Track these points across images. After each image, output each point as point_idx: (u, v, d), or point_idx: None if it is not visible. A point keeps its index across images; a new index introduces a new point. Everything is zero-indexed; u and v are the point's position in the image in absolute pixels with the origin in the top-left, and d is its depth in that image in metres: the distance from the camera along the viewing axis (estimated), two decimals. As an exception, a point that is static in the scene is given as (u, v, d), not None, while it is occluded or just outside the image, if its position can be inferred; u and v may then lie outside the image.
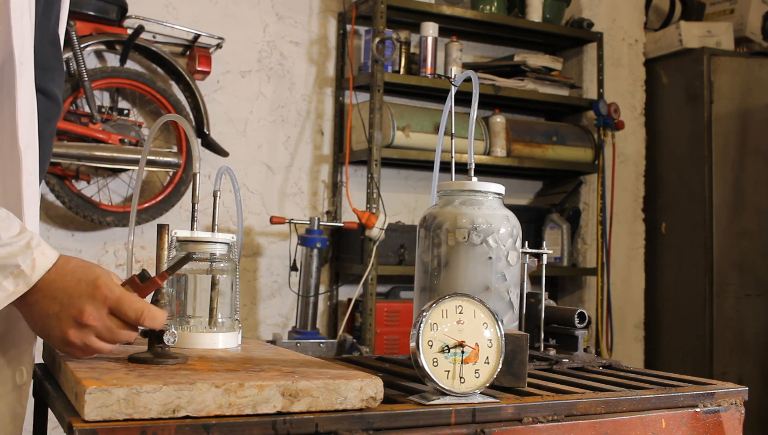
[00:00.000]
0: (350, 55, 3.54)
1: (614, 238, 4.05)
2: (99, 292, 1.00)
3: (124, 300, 1.01)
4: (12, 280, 0.98)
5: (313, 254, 3.21)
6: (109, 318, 1.01)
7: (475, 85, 1.29)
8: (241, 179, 3.40)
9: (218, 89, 3.39)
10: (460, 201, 1.23)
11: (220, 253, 1.26)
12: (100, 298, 1.00)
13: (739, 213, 3.99)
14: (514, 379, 1.13)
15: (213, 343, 1.22)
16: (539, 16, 3.80)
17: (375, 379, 0.96)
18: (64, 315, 1.00)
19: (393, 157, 3.41)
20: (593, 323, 3.89)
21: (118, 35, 3.02)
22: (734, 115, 4.01)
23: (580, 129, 3.97)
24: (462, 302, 1.03)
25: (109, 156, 2.92)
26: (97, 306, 1.00)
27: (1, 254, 0.98)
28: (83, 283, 1.00)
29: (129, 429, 0.83)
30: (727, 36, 4.13)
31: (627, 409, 1.12)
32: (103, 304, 1.00)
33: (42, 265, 1.01)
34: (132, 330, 1.03)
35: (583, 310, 1.42)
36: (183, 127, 1.97)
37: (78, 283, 1.00)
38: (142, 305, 1.02)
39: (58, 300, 1.00)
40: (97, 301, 1.00)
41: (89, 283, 1.01)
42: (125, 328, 1.02)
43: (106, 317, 1.00)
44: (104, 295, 1.00)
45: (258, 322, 3.45)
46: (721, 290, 3.94)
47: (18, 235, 1.00)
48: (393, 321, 3.37)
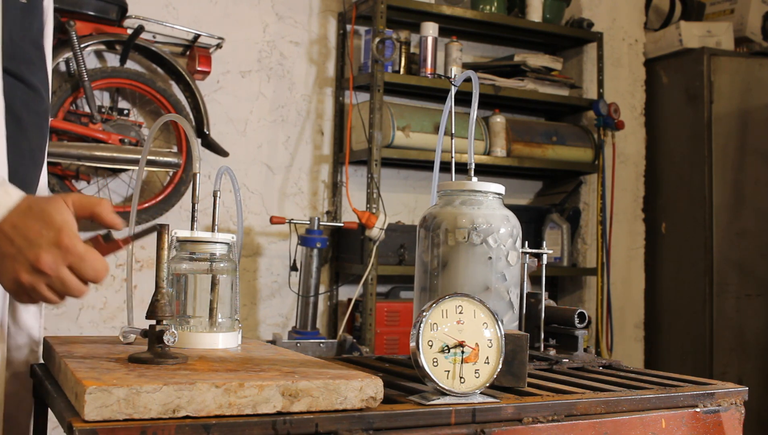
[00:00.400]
0: (350, 55, 3.54)
1: (614, 238, 4.05)
2: (62, 242, 1.00)
3: (86, 257, 1.01)
4: None
5: (313, 254, 3.21)
6: (66, 271, 1.00)
7: (475, 85, 1.29)
8: (241, 179, 3.40)
9: (218, 89, 3.39)
10: (460, 201, 1.23)
11: (220, 253, 1.26)
12: (62, 248, 1.00)
13: (739, 213, 3.99)
14: (514, 379, 1.13)
15: (213, 343, 1.22)
16: (539, 16, 3.80)
17: (375, 379, 0.96)
18: (21, 258, 0.99)
19: (393, 157, 3.41)
20: (593, 323, 3.89)
21: (118, 35, 3.02)
22: (734, 115, 4.01)
23: (580, 129, 3.97)
24: (462, 302, 1.03)
25: (109, 156, 2.92)
26: (56, 256, 0.99)
27: None
28: (46, 229, 1.00)
29: (129, 429, 0.83)
30: (727, 36, 4.13)
31: (627, 409, 1.12)
32: (64, 256, 1.00)
33: (4, 203, 1.01)
34: (83, 287, 1.03)
35: (583, 310, 1.42)
36: (183, 127, 1.97)
37: (41, 229, 1.00)
38: (101, 265, 1.02)
39: (17, 243, 1.00)
40: (57, 252, 0.99)
41: (53, 230, 1.00)
42: (78, 284, 1.02)
43: (62, 269, 1.00)
44: (67, 247, 1.00)
45: (258, 322, 3.45)
46: (721, 290, 3.94)
47: None
48: (393, 321, 3.37)
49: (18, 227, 1.00)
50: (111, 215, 1.06)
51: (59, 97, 2.92)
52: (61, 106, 2.93)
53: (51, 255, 0.99)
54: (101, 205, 1.06)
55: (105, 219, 1.06)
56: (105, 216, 1.06)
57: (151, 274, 1.10)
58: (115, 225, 1.06)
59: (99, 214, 1.06)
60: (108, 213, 1.06)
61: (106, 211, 1.06)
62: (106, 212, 1.06)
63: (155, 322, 1.06)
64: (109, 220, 1.06)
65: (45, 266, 0.99)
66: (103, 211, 1.06)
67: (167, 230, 1.09)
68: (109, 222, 1.06)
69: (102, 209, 1.06)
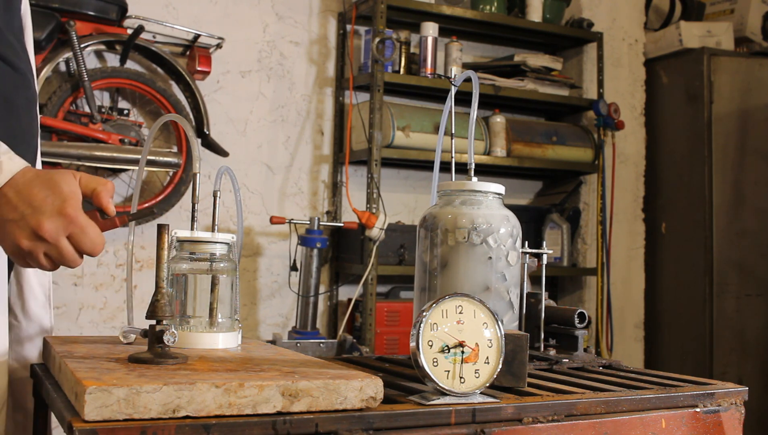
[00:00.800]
0: (350, 55, 3.54)
1: (614, 238, 4.05)
2: (65, 212, 1.01)
3: (86, 230, 1.02)
4: None
5: (313, 254, 3.21)
6: (64, 240, 1.02)
7: (475, 85, 1.29)
8: (241, 179, 3.40)
9: (218, 89, 3.39)
10: (460, 201, 1.23)
11: (220, 253, 1.26)
12: (63, 219, 1.01)
13: (739, 213, 3.99)
14: (514, 379, 1.13)
15: (213, 343, 1.22)
16: (539, 16, 3.80)
17: (375, 379, 0.96)
18: (23, 223, 1.00)
19: (393, 157, 3.41)
20: (593, 323, 3.89)
21: (118, 35, 3.02)
22: (734, 115, 4.01)
23: (580, 129, 3.97)
24: (462, 302, 1.03)
25: (109, 156, 2.92)
26: (58, 225, 1.01)
27: None
28: (52, 197, 1.01)
29: (129, 429, 0.83)
30: (727, 36, 4.13)
31: (627, 409, 1.12)
32: (65, 226, 1.01)
33: (8, 168, 1.02)
34: (78, 259, 1.04)
35: (583, 310, 1.41)
36: (183, 127, 1.97)
37: (45, 197, 1.01)
38: (100, 240, 1.04)
39: (20, 209, 1.01)
40: (59, 221, 1.01)
41: (59, 199, 1.01)
42: (73, 256, 1.03)
43: (62, 238, 1.01)
44: (70, 218, 1.01)
45: (258, 322, 3.45)
46: (721, 290, 3.94)
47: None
48: (393, 321, 3.37)
49: (22, 193, 1.01)
50: (107, 199, 1.08)
51: (59, 97, 2.92)
52: (61, 106, 2.93)
53: (53, 223, 1.00)
54: (104, 185, 1.08)
55: (102, 200, 1.07)
56: (102, 197, 1.07)
57: (151, 274, 1.10)
58: (107, 210, 1.08)
59: (98, 194, 1.07)
60: (105, 195, 1.08)
61: (105, 192, 1.08)
62: (104, 194, 1.08)
63: (155, 322, 1.06)
64: (104, 203, 1.08)
65: (46, 233, 1.00)
66: (103, 191, 1.07)
67: (167, 230, 1.09)
68: (104, 205, 1.08)
69: (102, 189, 1.08)
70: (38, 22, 2.79)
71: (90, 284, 3.16)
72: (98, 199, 1.07)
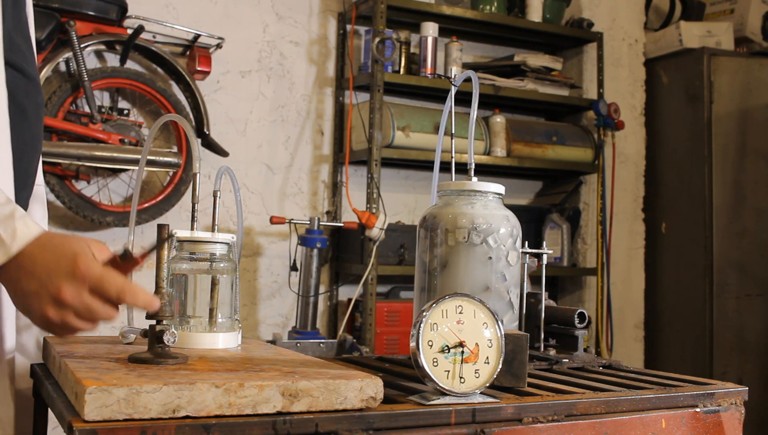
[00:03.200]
0: (350, 55, 3.54)
1: (614, 238, 4.05)
2: (78, 269, 0.98)
3: (104, 278, 0.99)
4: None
5: (313, 254, 3.21)
6: (89, 296, 0.98)
7: (475, 85, 1.29)
8: (241, 179, 3.40)
9: (218, 89, 3.39)
10: (460, 201, 1.23)
11: (220, 253, 1.26)
12: (79, 276, 0.98)
13: (739, 213, 3.99)
14: (514, 379, 1.13)
15: (213, 343, 1.22)
16: (539, 16, 3.80)
17: (375, 379, 0.96)
18: (44, 293, 0.98)
19: (393, 157, 3.41)
20: (593, 323, 3.89)
21: (118, 35, 3.02)
22: (734, 115, 4.01)
23: (580, 129, 3.97)
24: (462, 302, 1.03)
25: (109, 156, 2.92)
26: (76, 284, 0.98)
27: None
28: (62, 260, 0.98)
29: (129, 429, 0.83)
30: (727, 36, 4.13)
31: (627, 409, 1.12)
32: (83, 282, 0.98)
33: (23, 235, 0.99)
34: (112, 308, 1.01)
35: (583, 310, 1.42)
36: (183, 127, 1.97)
37: (57, 260, 0.98)
38: (122, 282, 0.99)
39: (38, 277, 0.98)
40: (76, 279, 0.98)
41: (68, 259, 0.98)
42: (105, 307, 0.99)
43: (86, 295, 0.98)
44: (83, 273, 0.98)
45: (258, 322, 3.45)
46: (721, 290, 3.94)
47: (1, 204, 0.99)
48: (393, 321, 3.37)
49: (37, 262, 0.99)
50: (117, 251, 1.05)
51: (59, 97, 2.92)
52: (61, 106, 2.93)
53: (71, 284, 0.97)
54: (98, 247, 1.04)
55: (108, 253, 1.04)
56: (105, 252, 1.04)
57: (151, 274, 1.09)
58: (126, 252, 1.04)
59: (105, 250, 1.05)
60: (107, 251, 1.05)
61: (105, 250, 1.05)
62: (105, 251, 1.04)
63: (155, 322, 1.06)
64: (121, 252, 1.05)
65: (68, 297, 0.97)
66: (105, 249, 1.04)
67: (167, 230, 1.09)
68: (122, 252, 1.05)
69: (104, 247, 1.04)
70: (38, 22, 2.79)
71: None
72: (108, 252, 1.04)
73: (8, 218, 0.98)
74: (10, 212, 0.99)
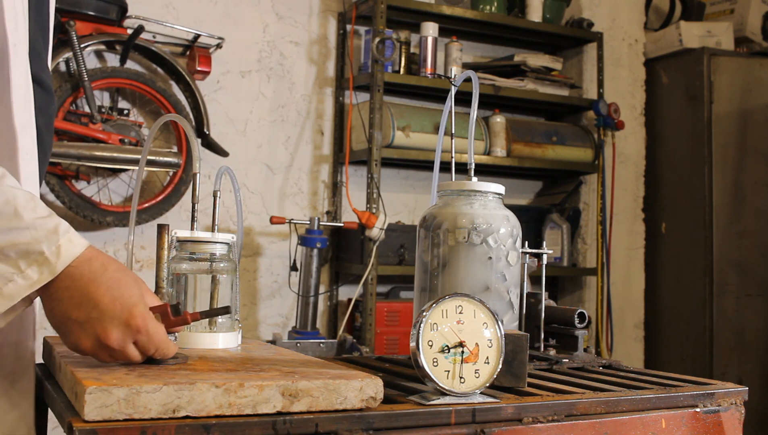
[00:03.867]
0: (350, 55, 3.54)
1: (614, 238, 4.05)
2: (133, 321, 0.95)
3: (152, 336, 0.97)
4: (36, 268, 0.92)
5: (313, 254, 3.21)
6: (131, 347, 0.97)
7: (475, 85, 1.29)
8: (241, 179, 3.40)
9: (218, 89, 3.39)
10: (460, 201, 1.23)
11: (220, 253, 1.26)
12: (132, 328, 0.96)
13: (739, 213, 3.99)
14: (514, 379, 1.13)
15: (213, 343, 1.22)
16: (539, 16, 3.80)
17: (375, 379, 0.96)
18: (89, 327, 0.94)
19: (393, 157, 3.41)
20: (593, 323, 3.89)
21: (118, 35, 3.02)
22: (734, 115, 4.01)
23: (580, 129, 3.97)
24: (462, 302, 1.03)
25: (109, 156, 2.92)
26: (125, 335, 0.95)
27: (24, 238, 0.91)
28: (119, 305, 0.95)
29: (129, 429, 0.83)
30: (727, 36, 4.13)
31: (627, 409, 1.12)
32: (132, 335, 0.96)
33: (69, 252, 0.94)
34: (143, 358, 1.00)
35: (583, 310, 1.41)
36: (183, 127, 1.97)
37: (113, 301, 0.95)
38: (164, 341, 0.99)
39: (86, 310, 0.94)
40: (127, 330, 0.95)
41: (126, 307, 0.95)
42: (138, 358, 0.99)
43: (128, 346, 0.97)
44: (137, 328, 0.96)
45: (258, 322, 3.45)
46: (721, 290, 3.94)
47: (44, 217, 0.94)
48: (393, 321, 3.37)
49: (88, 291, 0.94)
50: None
51: (59, 97, 2.92)
52: (61, 106, 2.93)
53: (120, 332, 0.95)
54: None
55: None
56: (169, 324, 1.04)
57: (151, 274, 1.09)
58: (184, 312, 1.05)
59: None
60: None
61: None
62: None
63: (155, 322, 1.06)
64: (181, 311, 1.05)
65: (113, 343, 0.95)
66: None
67: (167, 230, 1.09)
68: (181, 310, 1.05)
69: None
70: (38, 22, 2.79)
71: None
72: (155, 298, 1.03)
73: (52, 233, 0.93)
74: (53, 227, 0.94)
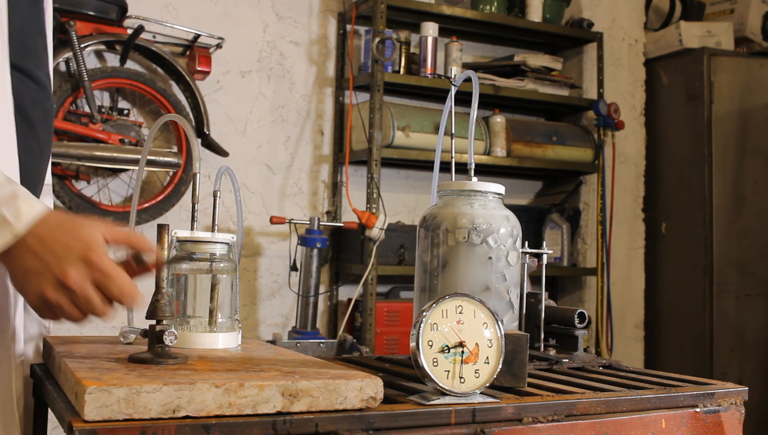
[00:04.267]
0: (350, 55, 3.54)
1: (614, 238, 4.05)
2: (89, 258, 0.97)
3: (112, 274, 0.98)
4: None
5: (313, 254, 3.21)
6: (91, 287, 0.97)
7: (475, 85, 1.29)
8: (241, 179, 3.40)
9: (218, 89, 3.39)
10: (460, 201, 1.23)
11: (220, 253, 1.26)
12: (89, 264, 0.97)
13: (739, 213, 3.99)
14: (514, 379, 1.13)
15: (213, 343, 1.22)
16: (539, 16, 3.80)
17: (375, 379, 0.96)
18: (47, 273, 0.96)
19: (393, 157, 3.41)
20: (593, 323, 3.89)
21: (118, 35, 3.02)
22: (734, 115, 4.01)
23: (580, 129, 3.97)
24: (462, 302, 1.03)
25: (109, 156, 2.92)
26: (84, 272, 0.97)
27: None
28: (76, 244, 0.97)
29: (129, 429, 0.83)
30: (727, 36, 4.13)
31: (627, 409, 1.12)
32: (91, 271, 0.97)
33: (29, 215, 0.97)
34: (108, 306, 1.00)
35: (583, 310, 1.41)
36: (183, 127, 1.97)
37: (69, 243, 0.97)
38: (128, 285, 0.99)
39: (43, 258, 0.97)
40: (84, 267, 0.97)
41: (82, 245, 0.97)
42: (102, 303, 0.99)
43: (89, 285, 0.97)
44: (94, 263, 0.97)
45: (258, 322, 3.45)
46: (721, 290, 3.94)
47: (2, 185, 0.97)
48: (393, 321, 3.37)
49: (45, 241, 0.97)
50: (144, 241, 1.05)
51: (59, 97, 2.92)
52: (61, 106, 2.93)
53: (78, 270, 0.96)
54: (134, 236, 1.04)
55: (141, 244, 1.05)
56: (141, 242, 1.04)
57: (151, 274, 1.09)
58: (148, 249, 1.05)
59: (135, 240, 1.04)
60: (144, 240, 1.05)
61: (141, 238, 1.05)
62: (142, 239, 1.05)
63: (155, 322, 1.06)
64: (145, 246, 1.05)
65: (71, 282, 0.96)
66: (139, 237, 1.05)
67: (167, 230, 1.08)
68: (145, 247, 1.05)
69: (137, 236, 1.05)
70: (38, 22, 2.79)
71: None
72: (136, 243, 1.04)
73: (11, 198, 0.97)
74: (12, 192, 0.97)
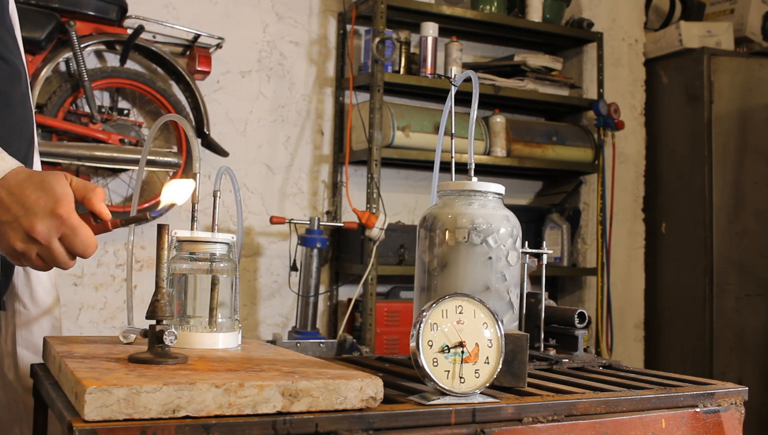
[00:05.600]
0: (350, 55, 3.54)
1: (614, 238, 4.05)
2: (57, 212, 1.01)
3: (78, 231, 1.03)
4: None
5: (313, 254, 3.21)
6: (57, 242, 1.02)
7: (475, 85, 1.29)
8: (241, 179, 3.40)
9: (218, 89, 3.39)
10: (460, 201, 1.23)
11: (220, 253, 1.26)
12: (56, 220, 1.01)
13: (739, 213, 3.99)
14: (514, 379, 1.13)
15: (213, 343, 1.22)
16: (539, 16, 3.80)
17: (375, 379, 0.96)
18: (16, 225, 1.02)
19: (393, 157, 3.41)
20: (593, 323, 3.89)
21: (118, 35, 3.02)
22: (734, 115, 4.01)
23: (580, 129, 3.97)
24: (462, 302, 1.03)
25: (109, 156, 2.92)
26: (50, 227, 1.01)
27: None
28: (44, 199, 1.02)
29: (129, 429, 0.83)
30: (727, 36, 4.13)
31: (627, 409, 1.12)
32: (57, 227, 1.02)
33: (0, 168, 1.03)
34: (71, 260, 1.05)
35: (583, 310, 1.41)
36: (183, 127, 1.97)
37: (38, 198, 1.02)
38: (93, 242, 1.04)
39: (14, 210, 1.02)
40: (51, 222, 1.01)
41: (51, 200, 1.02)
42: (65, 258, 1.04)
43: (54, 240, 1.02)
44: (61, 219, 1.02)
45: (258, 322, 3.45)
46: (721, 290, 3.94)
47: None
48: (393, 321, 3.37)
49: (15, 194, 1.02)
50: (101, 204, 1.08)
51: (59, 97, 2.92)
52: (61, 106, 2.93)
53: (45, 224, 1.01)
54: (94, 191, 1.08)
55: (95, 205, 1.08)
56: (95, 202, 1.08)
57: (151, 274, 1.10)
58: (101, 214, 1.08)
59: (90, 199, 1.08)
60: (98, 201, 1.08)
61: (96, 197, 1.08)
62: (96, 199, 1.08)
63: (155, 322, 1.06)
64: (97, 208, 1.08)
65: (38, 235, 1.01)
66: (94, 196, 1.08)
67: (167, 230, 1.08)
68: (98, 210, 1.08)
69: (94, 195, 1.08)
70: (38, 22, 2.79)
71: (90, 284, 3.16)
72: (91, 203, 1.08)
73: None
74: None
